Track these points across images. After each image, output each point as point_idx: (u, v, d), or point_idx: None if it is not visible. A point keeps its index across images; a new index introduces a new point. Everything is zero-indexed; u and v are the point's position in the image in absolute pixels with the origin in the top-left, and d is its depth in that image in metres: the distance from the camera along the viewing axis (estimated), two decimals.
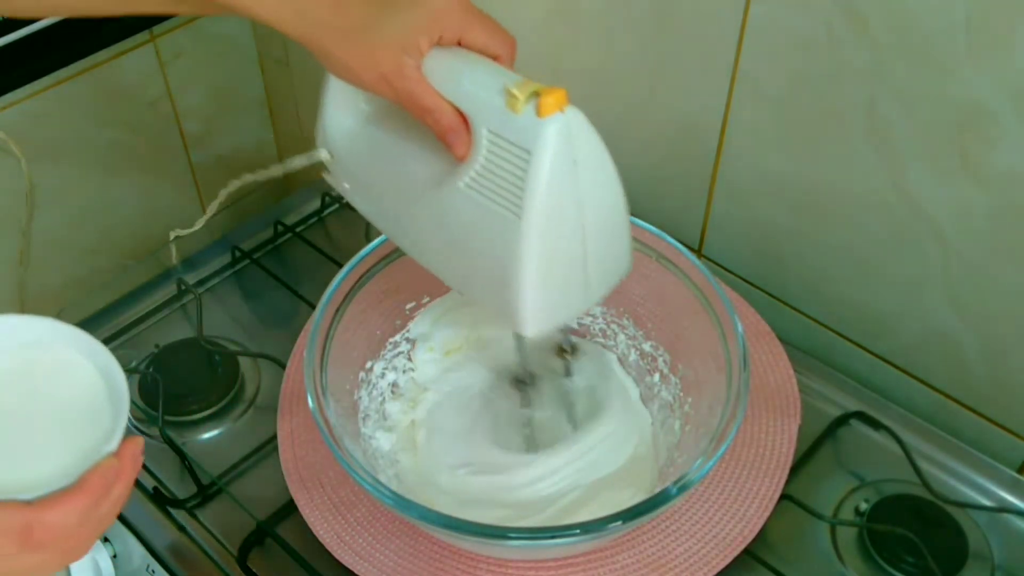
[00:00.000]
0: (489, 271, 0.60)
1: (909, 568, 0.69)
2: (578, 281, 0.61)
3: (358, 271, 0.74)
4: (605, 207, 0.59)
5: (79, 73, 1.06)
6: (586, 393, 0.78)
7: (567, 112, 0.54)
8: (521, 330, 0.60)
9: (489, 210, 0.57)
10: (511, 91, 0.54)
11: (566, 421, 0.77)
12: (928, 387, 0.81)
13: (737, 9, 0.75)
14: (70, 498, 0.49)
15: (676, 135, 0.87)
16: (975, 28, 0.63)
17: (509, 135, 0.55)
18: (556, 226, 0.57)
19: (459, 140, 0.58)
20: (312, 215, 1.00)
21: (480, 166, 0.57)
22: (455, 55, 0.58)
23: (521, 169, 0.55)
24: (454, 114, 0.57)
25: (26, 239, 1.10)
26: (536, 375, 0.76)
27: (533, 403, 0.76)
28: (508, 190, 0.56)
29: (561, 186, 0.55)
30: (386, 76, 0.57)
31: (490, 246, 0.58)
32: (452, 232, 0.62)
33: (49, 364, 0.56)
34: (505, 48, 0.59)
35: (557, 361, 0.77)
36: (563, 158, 0.55)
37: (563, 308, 0.62)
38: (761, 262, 0.88)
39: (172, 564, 0.73)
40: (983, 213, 0.70)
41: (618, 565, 0.68)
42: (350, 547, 0.69)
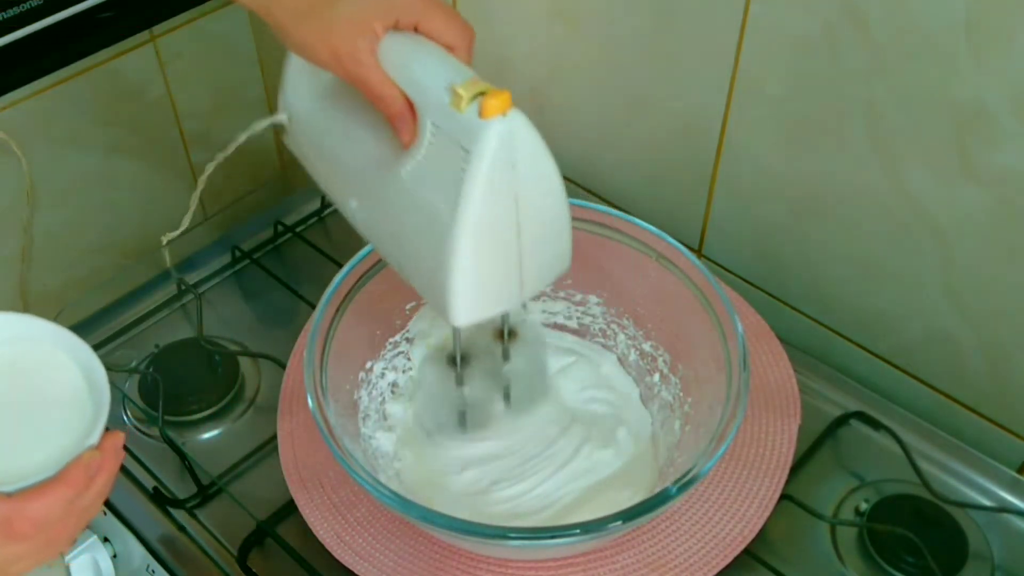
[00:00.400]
0: (423, 259, 0.60)
1: (909, 568, 0.69)
2: (511, 277, 0.61)
3: (358, 271, 0.74)
4: (543, 206, 0.60)
5: (79, 73, 1.06)
6: (524, 378, 0.78)
7: (509, 115, 0.54)
8: (450, 320, 0.61)
9: (426, 202, 0.58)
10: (456, 90, 0.54)
11: (500, 403, 0.77)
12: (928, 387, 0.81)
13: (737, 9, 0.75)
14: (51, 489, 0.49)
15: (676, 135, 0.87)
16: (975, 28, 0.63)
17: (451, 132, 0.56)
18: (490, 225, 0.57)
19: (405, 127, 0.58)
20: (312, 215, 1.00)
21: (422, 157, 0.58)
22: (410, 41, 0.59)
23: (459, 167, 0.55)
24: (403, 102, 0.58)
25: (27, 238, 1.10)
26: (470, 355, 0.76)
27: (466, 382, 0.76)
28: (445, 185, 0.56)
29: (497, 188, 0.56)
30: (339, 57, 0.58)
31: (425, 235, 0.59)
32: (393, 215, 0.62)
33: (30, 360, 0.57)
34: (462, 39, 0.59)
35: (495, 344, 0.77)
36: (502, 161, 0.55)
37: (494, 301, 0.62)
38: (761, 262, 0.88)
39: (172, 564, 0.73)
40: (983, 213, 0.70)
41: (618, 565, 0.68)
42: (350, 547, 0.69)
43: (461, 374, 0.75)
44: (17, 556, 0.49)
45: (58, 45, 1.00)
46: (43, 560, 0.51)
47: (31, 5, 0.94)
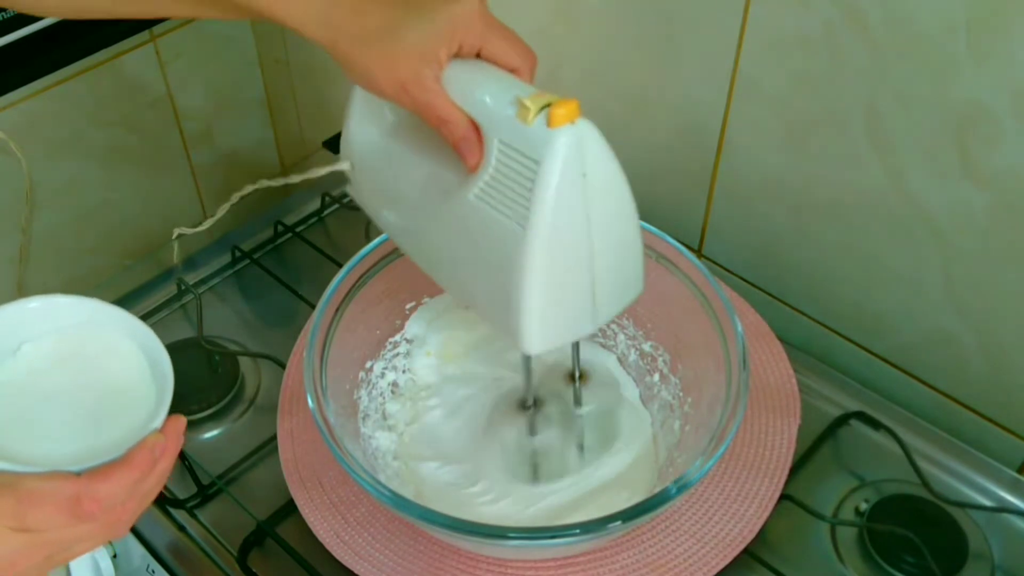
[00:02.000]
0: (494, 286, 0.59)
1: (909, 568, 0.69)
2: (585, 299, 0.59)
3: (358, 271, 0.74)
4: (615, 222, 0.58)
5: (79, 73, 1.06)
6: (596, 422, 0.76)
7: (578, 124, 0.54)
8: (524, 348, 0.59)
9: (496, 221, 0.57)
10: (523, 101, 0.54)
11: (574, 451, 0.75)
12: (928, 387, 0.81)
13: (737, 9, 0.75)
14: (118, 470, 0.50)
15: (676, 135, 0.87)
16: (975, 28, 0.63)
17: (519, 145, 0.55)
18: (562, 239, 0.56)
19: (471, 150, 0.58)
20: (312, 215, 1.00)
21: (490, 176, 0.57)
22: (473, 67, 0.58)
23: (529, 180, 0.54)
24: (468, 124, 0.57)
25: (26, 239, 1.10)
26: (542, 400, 0.74)
27: (539, 430, 0.75)
28: (516, 201, 0.55)
29: (569, 198, 0.54)
30: (404, 85, 0.57)
31: (496, 259, 0.58)
32: (461, 244, 0.61)
33: (96, 344, 0.58)
34: (525, 61, 0.59)
35: (566, 388, 0.75)
36: (572, 170, 0.54)
37: (568, 327, 0.61)
38: (761, 262, 0.88)
39: (172, 564, 0.73)
40: (983, 213, 0.70)
41: (618, 565, 0.68)
42: (350, 547, 0.69)
43: (534, 421, 0.74)
44: (80, 536, 0.49)
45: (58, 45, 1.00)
46: (103, 542, 0.52)
47: None
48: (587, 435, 0.75)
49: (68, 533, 0.48)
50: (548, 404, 0.75)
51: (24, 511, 0.47)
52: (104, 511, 0.49)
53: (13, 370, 0.56)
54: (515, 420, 0.75)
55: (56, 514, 0.47)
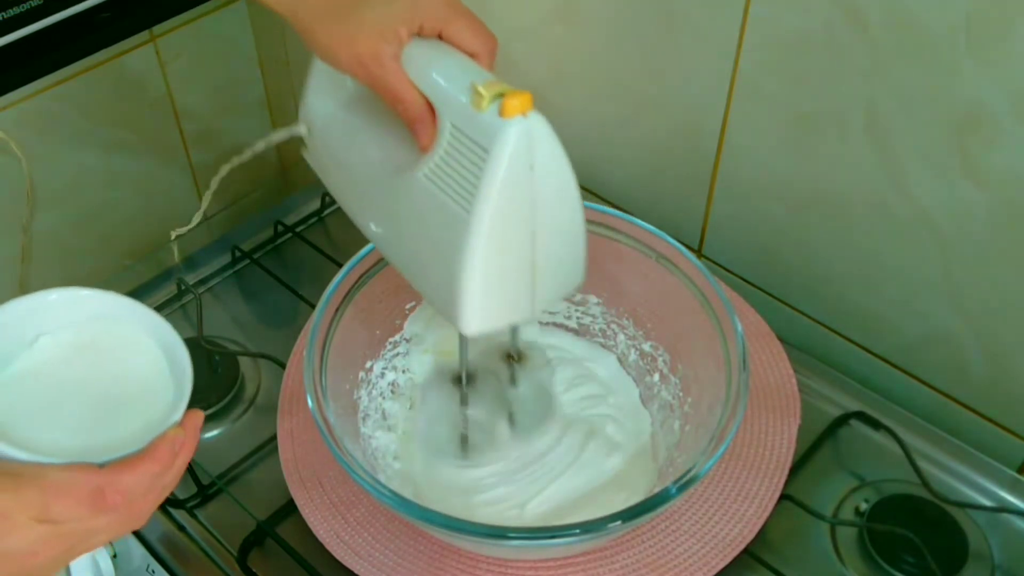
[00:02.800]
0: (436, 265, 0.60)
1: (909, 568, 0.69)
2: (525, 286, 0.60)
3: (358, 271, 0.74)
4: (560, 215, 0.59)
5: (79, 73, 1.06)
6: (529, 402, 0.77)
7: (530, 116, 0.54)
8: (461, 328, 0.60)
9: (442, 203, 0.58)
10: (478, 88, 0.54)
11: (504, 427, 0.76)
12: (928, 387, 0.81)
13: (737, 9, 0.75)
14: (141, 463, 0.50)
15: (676, 135, 0.87)
16: (975, 28, 0.63)
17: (470, 131, 0.56)
18: (505, 228, 0.57)
19: (424, 130, 0.58)
20: (312, 215, 1.00)
21: (440, 158, 0.58)
22: (432, 47, 0.59)
23: (478, 167, 0.55)
24: (423, 104, 0.58)
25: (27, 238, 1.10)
26: (476, 376, 0.75)
27: (471, 404, 0.76)
28: (463, 186, 0.56)
29: (515, 189, 0.55)
30: (362, 60, 0.58)
31: (439, 240, 0.59)
32: (407, 221, 0.62)
33: (114, 337, 0.58)
34: (485, 47, 0.60)
35: (502, 366, 0.76)
36: (520, 161, 0.55)
37: (506, 311, 0.62)
38: (761, 262, 0.88)
39: (172, 564, 0.73)
40: (983, 213, 0.70)
41: (618, 565, 0.68)
42: (350, 547, 0.69)
43: (466, 394, 0.74)
44: (101, 528, 0.50)
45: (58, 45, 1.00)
46: (122, 534, 0.52)
47: (31, 5, 0.94)
48: (519, 412, 0.76)
49: (89, 524, 0.49)
50: (482, 381, 0.76)
51: (48, 502, 0.47)
52: (126, 503, 0.49)
53: (32, 361, 0.56)
54: (449, 394, 0.76)
55: (79, 506, 0.48)
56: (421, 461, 0.76)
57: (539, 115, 0.55)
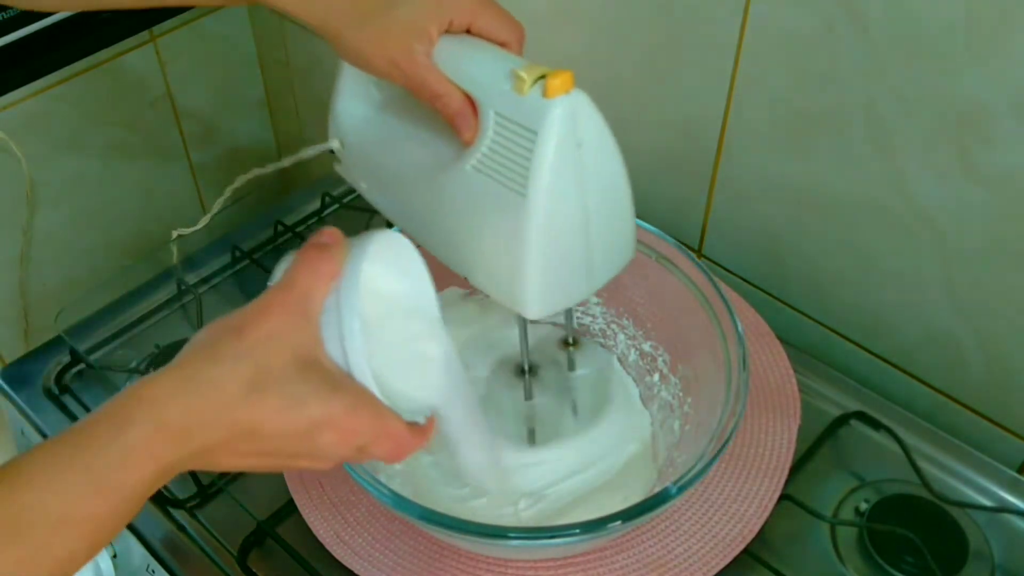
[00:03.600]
0: (494, 253, 0.60)
1: (909, 568, 0.69)
2: (581, 264, 0.61)
3: None
4: (609, 191, 0.60)
5: (79, 73, 1.06)
6: (589, 386, 0.78)
7: (572, 94, 0.55)
8: (525, 312, 0.61)
9: (495, 191, 0.58)
10: (518, 73, 0.55)
11: (569, 414, 0.77)
12: (928, 387, 0.81)
13: (737, 9, 0.75)
14: (421, 437, 0.54)
15: (676, 135, 0.87)
16: (975, 28, 0.63)
17: (515, 116, 0.56)
18: (560, 206, 0.57)
19: (467, 124, 0.59)
20: (312, 215, 1.00)
21: (487, 148, 0.58)
22: (464, 42, 0.59)
23: (527, 149, 0.56)
24: (462, 98, 0.58)
25: (27, 238, 1.10)
26: (538, 366, 0.76)
27: (535, 394, 0.76)
28: (514, 170, 0.57)
29: (565, 166, 0.56)
30: (396, 61, 0.58)
31: (496, 227, 0.59)
32: (459, 215, 0.62)
33: None
34: (514, 35, 0.61)
35: (560, 353, 0.77)
36: (568, 138, 0.55)
37: (566, 291, 0.62)
38: (761, 262, 0.88)
39: (172, 564, 0.73)
40: (983, 213, 0.70)
41: (618, 565, 0.68)
42: (350, 547, 0.69)
43: (530, 386, 0.75)
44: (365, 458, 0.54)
45: (58, 45, 1.00)
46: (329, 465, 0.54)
47: None
48: (580, 398, 0.77)
49: (372, 454, 0.53)
50: (543, 369, 0.77)
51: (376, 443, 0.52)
52: (383, 454, 0.53)
53: None
54: (512, 385, 0.76)
55: (387, 452, 0.53)
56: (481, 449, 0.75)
57: (581, 92, 0.56)
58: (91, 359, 0.86)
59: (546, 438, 0.75)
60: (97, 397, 0.83)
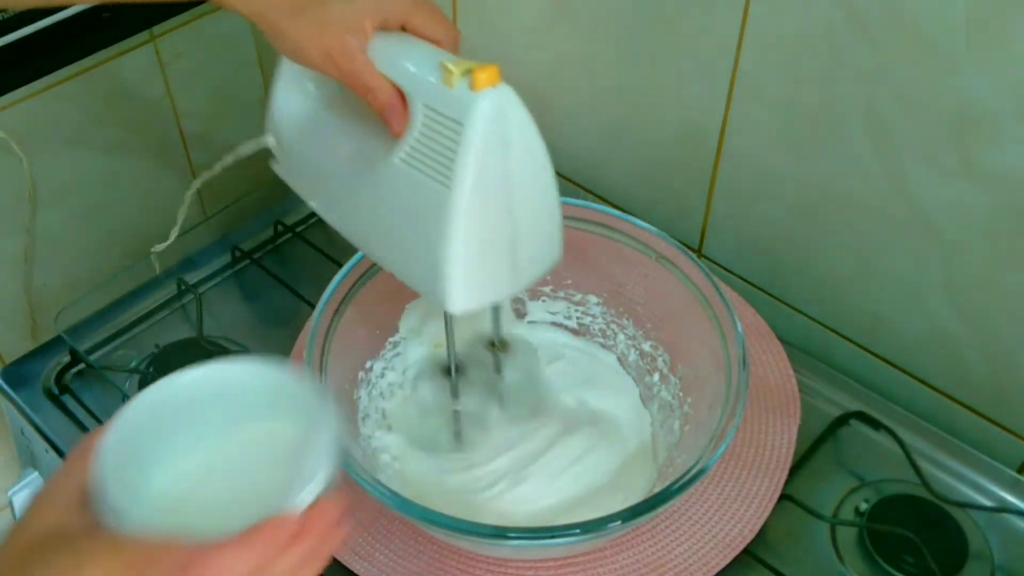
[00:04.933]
0: (419, 247, 0.60)
1: (909, 568, 0.69)
2: (506, 260, 0.61)
3: (358, 271, 0.74)
4: (535, 186, 0.60)
5: (79, 73, 1.06)
6: (517, 389, 0.77)
7: (499, 88, 0.56)
8: (447, 306, 0.61)
9: (421, 183, 0.58)
10: (447, 66, 0.56)
11: (496, 415, 0.76)
12: (928, 387, 0.81)
13: (737, 9, 0.75)
14: (234, 546, 0.46)
15: (676, 135, 0.87)
16: (975, 28, 0.63)
17: (443, 108, 0.57)
18: (485, 199, 0.58)
19: (396, 116, 0.60)
20: (312, 215, 1.00)
21: (415, 140, 0.59)
22: (398, 38, 0.61)
23: (453, 141, 0.56)
24: (393, 91, 0.59)
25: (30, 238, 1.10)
26: (464, 366, 0.75)
27: (461, 395, 0.75)
28: (440, 162, 0.57)
29: (491, 160, 0.57)
30: (331, 54, 0.60)
31: (421, 219, 0.59)
32: (386, 208, 0.62)
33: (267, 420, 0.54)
34: (448, 35, 0.62)
35: (487, 355, 0.76)
36: (494, 131, 0.56)
37: (490, 287, 0.62)
38: (761, 262, 0.88)
39: None
40: (983, 213, 0.70)
41: (618, 565, 0.68)
42: (350, 547, 0.69)
43: (456, 386, 0.74)
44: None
45: (58, 45, 1.00)
46: None
47: None
48: (508, 400, 0.76)
49: None
50: (471, 371, 0.76)
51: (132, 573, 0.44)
52: None
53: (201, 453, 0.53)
54: (440, 385, 0.76)
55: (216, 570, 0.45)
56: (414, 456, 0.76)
57: (508, 87, 0.56)
58: (91, 359, 0.86)
59: (470, 441, 0.75)
60: (97, 397, 0.83)
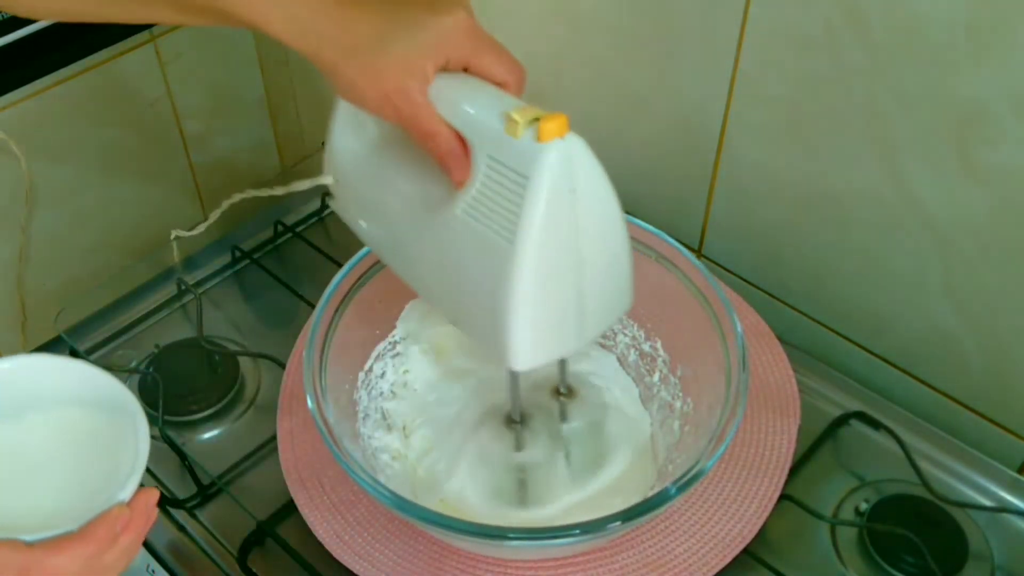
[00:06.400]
0: (481, 302, 0.58)
1: (909, 568, 0.69)
2: (573, 315, 0.59)
3: (358, 271, 0.74)
4: (604, 237, 0.58)
5: (79, 73, 1.06)
6: (583, 437, 0.75)
7: (567, 139, 0.53)
8: (511, 364, 0.58)
9: (483, 237, 0.56)
10: (511, 115, 0.53)
11: (563, 468, 0.73)
12: (928, 387, 0.81)
13: (737, 9, 0.75)
14: (72, 544, 0.48)
15: (676, 135, 0.87)
16: (975, 28, 0.63)
17: (507, 160, 0.54)
18: (551, 255, 0.55)
19: (458, 165, 0.57)
20: (312, 215, 1.00)
21: (477, 191, 0.56)
22: (460, 81, 0.57)
23: (517, 195, 0.53)
24: (454, 139, 0.56)
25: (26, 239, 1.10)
26: (529, 415, 0.73)
27: (525, 446, 0.73)
28: (504, 216, 0.54)
29: (558, 213, 0.54)
30: (390, 97, 0.56)
31: (483, 275, 0.57)
32: (447, 260, 0.60)
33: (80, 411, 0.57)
34: (513, 76, 0.58)
35: (552, 402, 0.74)
36: (561, 185, 0.53)
37: (556, 343, 0.60)
38: (761, 262, 0.88)
39: (172, 564, 0.73)
40: (983, 212, 0.70)
41: (618, 565, 0.68)
42: (350, 547, 0.69)
43: (520, 437, 0.72)
44: None
45: (58, 45, 1.00)
46: None
47: None
48: (574, 450, 0.74)
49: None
50: (534, 419, 0.73)
51: None
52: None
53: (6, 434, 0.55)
54: (501, 436, 0.74)
55: None
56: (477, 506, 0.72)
57: (577, 137, 0.53)
58: (91, 359, 0.86)
59: (538, 493, 0.72)
60: None
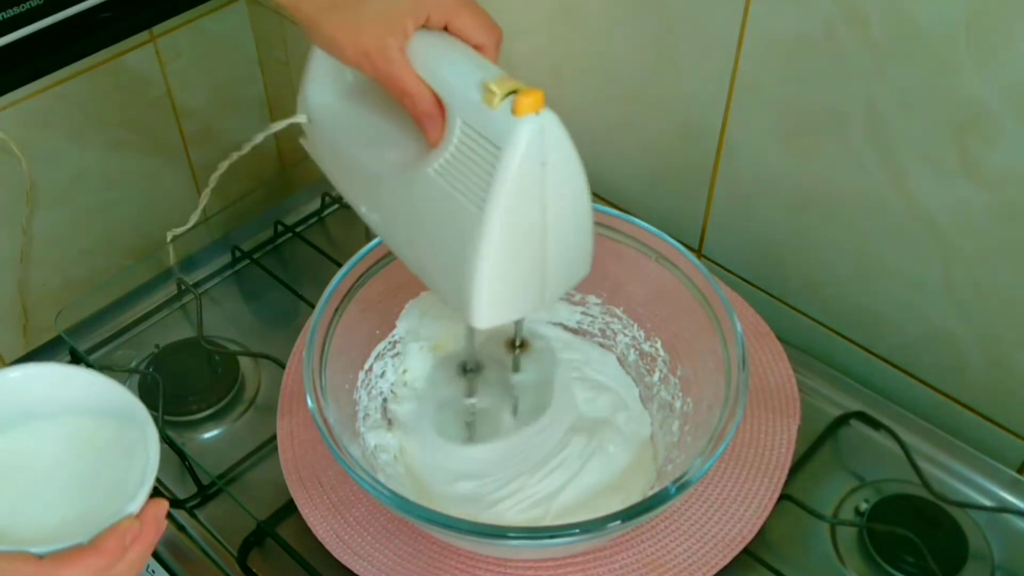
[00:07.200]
0: (446, 260, 0.60)
1: (909, 568, 0.69)
2: (535, 280, 0.61)
3: (358, 271, 0.74)
4: (570, 210, 0.59)
5: (79, 73, 1.06)
6: (532, 389, 0.78)
7: (542, 114, 0.55)
8: (472, 322, 0.60)
9: (453, 199, 0.57)
10: (489, 86, 0.54)
11: (508, 414, 0.77)
12: (928, 387, 0.81)
13: (737, 9, 0.75)
14: (83, 557, 0.48)
15: (676, 135, 0.87)
16: (975, 28, 0.63)
17: (482, 129, 0.56)
18: (517, 225, 0.57)
19: (433, 126, 0.58)
20: (312, 215, 1.00)
21: (450, 154, 0.58)
22: (440, 40, 0.59)
23: (490, 164, 0.55)
24: (431, 99, 0.57)
25: (27, 238, 1.10)
26: (482, 364, 0.76)
27: (476, 392, 0.76)
28: (474, 182, 0.56)
29: (526, 186, 0.56)
30: (369, 54, 0.57)
31: (450, 235, 0.59)
32: (416, 216, 0.62)
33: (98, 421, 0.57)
34: (491, 38, 0.59)
35: (506, 354, 0.76)
36: (532, 159, 0.55)
37: (516, 304, 0.62)
38: (761, 262, 0.88)
39: (172, 564, 0.73)
40: (983, 213, 0.70)
41: (618, 565, 0.68)
42: (350, 547, 0.69)
43: (471, 384, 0.75)
44: None
45: (58, 45, 1.00)
46: None
47: (31, 5, 0.95)
48: (522, 398, 0.77)
49: None
50: (488, 369, 0.76)
51: None
52: None
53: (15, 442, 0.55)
54: (454, 382, 0.76)
55: None
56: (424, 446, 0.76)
57: (551, 113, 0.55)
58: (91, 359, 0.86)
59: (483, 437, 0.75)
60: None
